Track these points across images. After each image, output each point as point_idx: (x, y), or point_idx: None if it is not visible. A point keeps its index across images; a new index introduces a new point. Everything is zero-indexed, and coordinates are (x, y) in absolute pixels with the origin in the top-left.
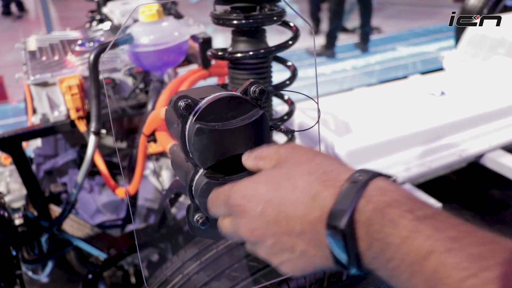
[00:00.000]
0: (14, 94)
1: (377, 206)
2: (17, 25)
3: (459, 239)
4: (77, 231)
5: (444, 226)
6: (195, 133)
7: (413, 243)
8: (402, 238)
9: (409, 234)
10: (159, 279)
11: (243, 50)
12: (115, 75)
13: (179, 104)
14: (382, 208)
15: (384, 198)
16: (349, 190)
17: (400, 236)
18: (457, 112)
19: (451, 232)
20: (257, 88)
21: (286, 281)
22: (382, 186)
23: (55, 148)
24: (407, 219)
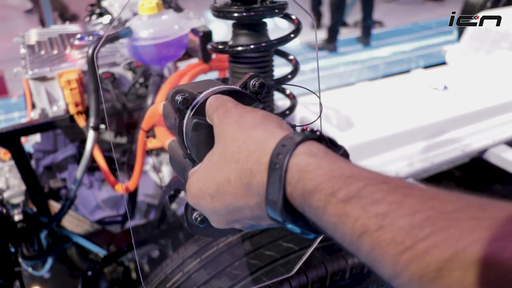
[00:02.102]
0: (15, 89)
1: (302, 193)
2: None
3: (389, 213)
4: (77, 227)
5: (371, 202)
6: (193, 128)
7: (345, 227)
8: (333, 224)
9: (338, 220)
10: (158, 276)
11: (244, 44)
12: (114, 69)
13: (176, 99)
14: (306, 195)
15: (306, 184)
16: (274, 177)
17: (330, 222)
18: (460, 107)
19: (380, 207)
20: (257, 81)
21: (288, 280)
22: (301, 167)
23: (54, 144)
24: (332, 204)
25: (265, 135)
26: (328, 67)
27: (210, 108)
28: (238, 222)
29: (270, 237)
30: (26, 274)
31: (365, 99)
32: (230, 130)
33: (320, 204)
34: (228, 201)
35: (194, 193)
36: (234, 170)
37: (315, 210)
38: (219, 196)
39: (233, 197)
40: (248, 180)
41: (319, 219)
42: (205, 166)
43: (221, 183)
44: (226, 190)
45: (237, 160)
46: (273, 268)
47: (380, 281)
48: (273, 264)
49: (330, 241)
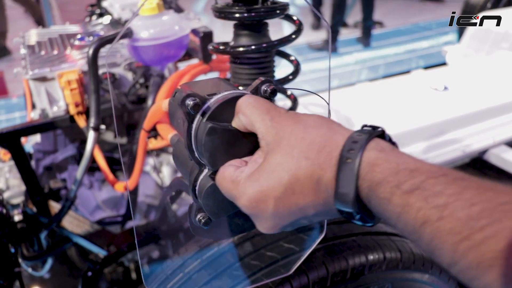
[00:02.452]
0: (15, 89)
1: (370, 185)
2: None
3: (449, 204)
4: (77, 227)
5: (432, 194)
6: (207, 133)
7: (407, 217)
8: (397, 214)
9: (402, 210)
10: (159, 277)
11: (245, 44)
12: (115, 69)
13: (187, 103)
14: (374, 186)
15: (374, 177)
16: (346, 171)
17: (394, 212)
18: (460, 107)
19: (440, 199)
20: (269, 87)
21: (289, 280)
22: (372, 160)
23: (55, 144)
24: (397, 195)
25: (332, 132)
26: (328, 67)
27: (253, 109)
28: (292, 224)
29: (271, 238)
30: (26, 274)
31: (365, 100)
32: (294, 130)
33: (386, 195)
34: (294, 201)
35: (254, 197)
36: (304, 167)
37: (381, 200)
38: (285, 197)
39: (300, 195)
40: (319, 176)
41: (384, 209)
42: (267, 169)
43: (289, 183)
44: (294, 190)
45: (307, 157)
46: (274, 268)
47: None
48: (274, 264)
49: (331, 241)
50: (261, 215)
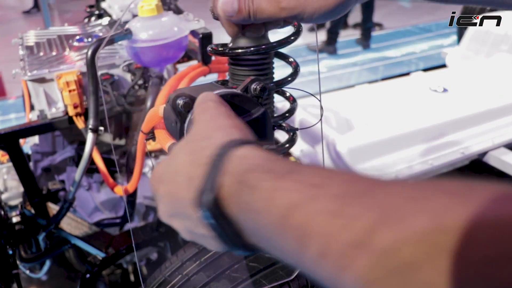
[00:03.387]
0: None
1: (236, 177)
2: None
3: (323, 184)
4: (75, 229)
5: (304, 176)
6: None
7: (275, 201)
8: (263, 199)
9: (269, 194)
10: (158, 279)
11: (244, 46)
12: (113, 71)
13: (177, 102)
14: (241, 176)
15: (242, 167)
16: (212, 167)
17: (262, 198)
18: (460, 110)
19: (313, 180)
20: (258, 85)
21: (288, 284)
22: (243, 154)
23: (53, 145)
24: (265, 180)
25: (223, 136)
26: (328, 69)
27: (195, 108)
28: (176, 217)
29: None
30: (23, 276)
31: (364, 102)
32: (199, 127)
33: (254, 182)
34: (172, 190)
35: (154, 176)
36: (184, 162)
37: (249, 189)
38: (168, 183)
39: (177, 186)
40: (191, 173)
41: (250, 200)
42: (169, 155)
43: (172, 172)
44: (174, 179)
45: (190, 153)
46: (273, 270)
47: None
48: (273, 266)
49: None
50: (156, 196)
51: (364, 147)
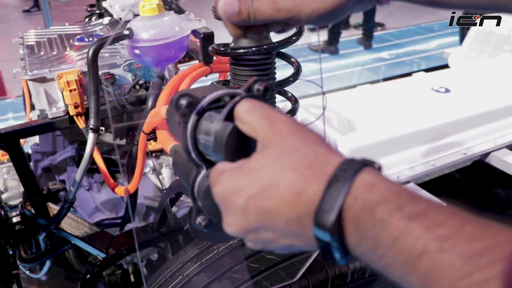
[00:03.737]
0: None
1: (364, 204)
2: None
3: (450, 237)
4: (75, 229)
5: (434, 223)
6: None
7: (405, 243)
8: (393, 238)
9: (400, 234)
10: (158, 280)
11: (245, 46)
12: (114, 70)
13: (181, 103)
14: (370, 206)
15: (372, 196)
16: (336, 187)
17: (390, 236)
18: (462, 110)
19: (442, 230)
20: (261, 86)
21: (290, 286)
22: (369, 181)
23: (53, 145)
24: (396, 218)
25: (328, 152)
26: (329, 69)
27: (250, 115)
28: (258, 232)
29: None
30: (23, 276)
31: (366, 102)
32: (290, 139)
33: (384, 217)
34: (267, 205)
35: (229, 188)
36: (288, 177)
37: (376, 221)
38: (259, 198)
39: (275, 202)
40: (301, 188)
41: (377, 233)
42: (251, 167)
43: (267, 186)
44: (270, 195)
45: (295, 168)
46: (274, 271)
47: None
48: (274, 267)
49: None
50: (230, 208)
51: (366, 148)
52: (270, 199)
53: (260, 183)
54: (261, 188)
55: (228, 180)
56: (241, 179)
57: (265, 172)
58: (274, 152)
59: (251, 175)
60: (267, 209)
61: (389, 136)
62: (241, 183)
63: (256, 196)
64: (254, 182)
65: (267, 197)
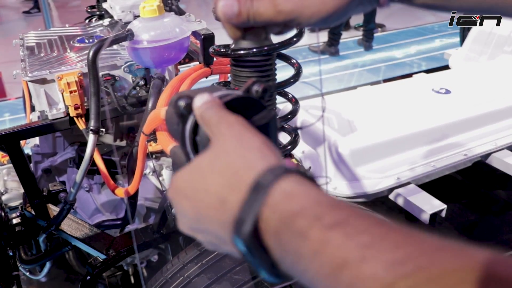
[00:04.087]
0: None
1: (282, 216)
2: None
3: (373, 244)
4: (76, 231)
5: (356, 231)
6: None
7: (325, 255)
8: (313, 251)
9: (320, 246)
10: (159, 281)
11: (246, 47)
12: (115, 72)
13: (179, 104)
14: (288, 217)
15: (290, 206)
16: (253, 196)
17: (310, 248)
18: (463, 111)
19: (364, 238)
20: (260, 87)
21: (291, 286)
22: (288, 189)
23: (53, 146)
24: (316, 229)
25: (258, 158)
26: (330, 70)
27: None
28: (201, 232)
29: None
30: (23, 278)
31: (366, 103)
32: (226, 144)
33: (303, 229)
34: (199, 208)
35: (173, 188)
36: (216, 183)
37: (295, 234)
38: (193, 200)
39: (205, 206)
40: (225, 196)
41: (298, 246)
42: (191, 168)
43: (199, 189)
44: (202, 198)
45: (223, 174)
46: None
47: None
48: None
49: None
50: (176, 207)
51: (366, 149)
52: (202, 202)
53: (195, 186)
54: (196, 191)
55: (175, 180)
56: (182, 179)
57: (199, 176)
58: (211, 154)
59: (189, 177)
60: (199, 211)
61: (390, 137)
62: (181, 183)
63: (191, 198)
64: (189, 184)
65: (200, 200)
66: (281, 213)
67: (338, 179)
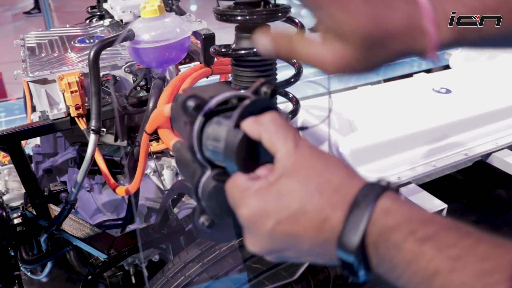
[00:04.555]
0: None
1: (381, 230)
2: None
3: (462, 257)
4: (77, 231)
5: (446, 244)
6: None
7: (418, 265)
8: (407, 261)
9: (413, 257)
10: (160, 280)
11: (247, 47)
12: (115, 72)
13: (188, 104)
14: (385, 232)
15: (388, 222)
16: (357, 213)
17: (405, 259)
18: (463, 111)
19: (453, 251)
20: (269, 88)
21: (291, 284)
22: (385, 206)
23: (54, 147)
24: (409, 242)
25: (350, 176)
26: None
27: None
28: (279, 252)
29: None
30: (24, 278)
31: (367, 103)
32: (314, 164)
33: (398, 241)
34: (293, 230)
35: (257, 212)
36: (315, 202)
37: (391, 246)
38: (287, 223)
39: (302, 227)
40: (327, 215)
41: (393, 256)
42: (277, 191)
43: (295, 212)
44: (298, 220)
45: (322, 193)
46: (276, 272)
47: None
48: (276, 268)
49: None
50: (256, 232)
51: (367, 149)
52: (298, 224)
53: (288, 209)
54: (289, 214)
55: (255, 202)
56: (268, 203)
57: (293, 197)
58: (301, 176)
59: (279, 200)
60: (293, 233)
61: (390, 137)
62: (269, 207)
63: (284, 222)
64: (282, 207)
65: (295, 222)
66: (380, 227)
67: None
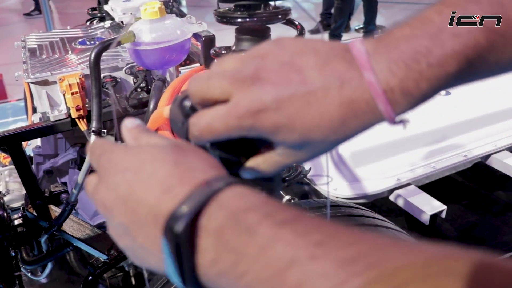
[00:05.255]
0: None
1: (231, 212)
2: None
3: (324, 242)
4: (77, 231)
5: (306, 229)
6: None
7: (272, 253)
8: (260, 247)
9: (268, 242)
10: (161, 280)
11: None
12: (116, 73)
13: (185, 104)
14: (237, 213)
15: (240, 203)
16: (201, 191)
17: (257, 245)
18: (463, 113)
19: (315, 236)
20: None
21: None
22: (239, 191)
23: (55, 148)
24: (265, 225)
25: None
26: None
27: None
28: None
29: None
30: (25, 279)
31: None
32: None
33: (251, 223)
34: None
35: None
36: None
37: (243, 230)
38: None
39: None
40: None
41: (242, 243)
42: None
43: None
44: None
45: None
46: None
47: None
48: None
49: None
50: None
51: (367, 150)
52: (142, 184)
53: (140, 165)
54: (139, 170)
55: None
56: (127, 155)
57: (150, 157)
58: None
59: (137, 155)
60: (135, 192)
61: (390, 138)
62: (126, 158)
63: (130, 176)
64: (136, 162)
65: (140, 180)
66: (230, 209)
67: (339, 180)
